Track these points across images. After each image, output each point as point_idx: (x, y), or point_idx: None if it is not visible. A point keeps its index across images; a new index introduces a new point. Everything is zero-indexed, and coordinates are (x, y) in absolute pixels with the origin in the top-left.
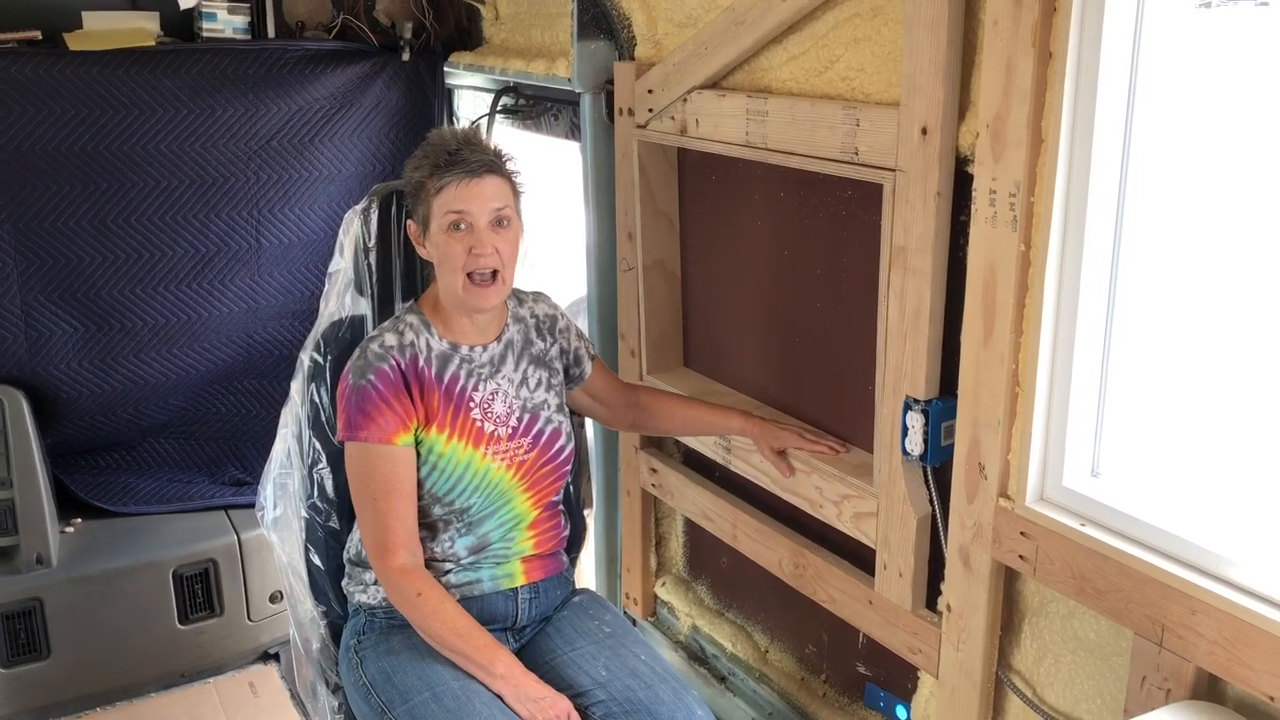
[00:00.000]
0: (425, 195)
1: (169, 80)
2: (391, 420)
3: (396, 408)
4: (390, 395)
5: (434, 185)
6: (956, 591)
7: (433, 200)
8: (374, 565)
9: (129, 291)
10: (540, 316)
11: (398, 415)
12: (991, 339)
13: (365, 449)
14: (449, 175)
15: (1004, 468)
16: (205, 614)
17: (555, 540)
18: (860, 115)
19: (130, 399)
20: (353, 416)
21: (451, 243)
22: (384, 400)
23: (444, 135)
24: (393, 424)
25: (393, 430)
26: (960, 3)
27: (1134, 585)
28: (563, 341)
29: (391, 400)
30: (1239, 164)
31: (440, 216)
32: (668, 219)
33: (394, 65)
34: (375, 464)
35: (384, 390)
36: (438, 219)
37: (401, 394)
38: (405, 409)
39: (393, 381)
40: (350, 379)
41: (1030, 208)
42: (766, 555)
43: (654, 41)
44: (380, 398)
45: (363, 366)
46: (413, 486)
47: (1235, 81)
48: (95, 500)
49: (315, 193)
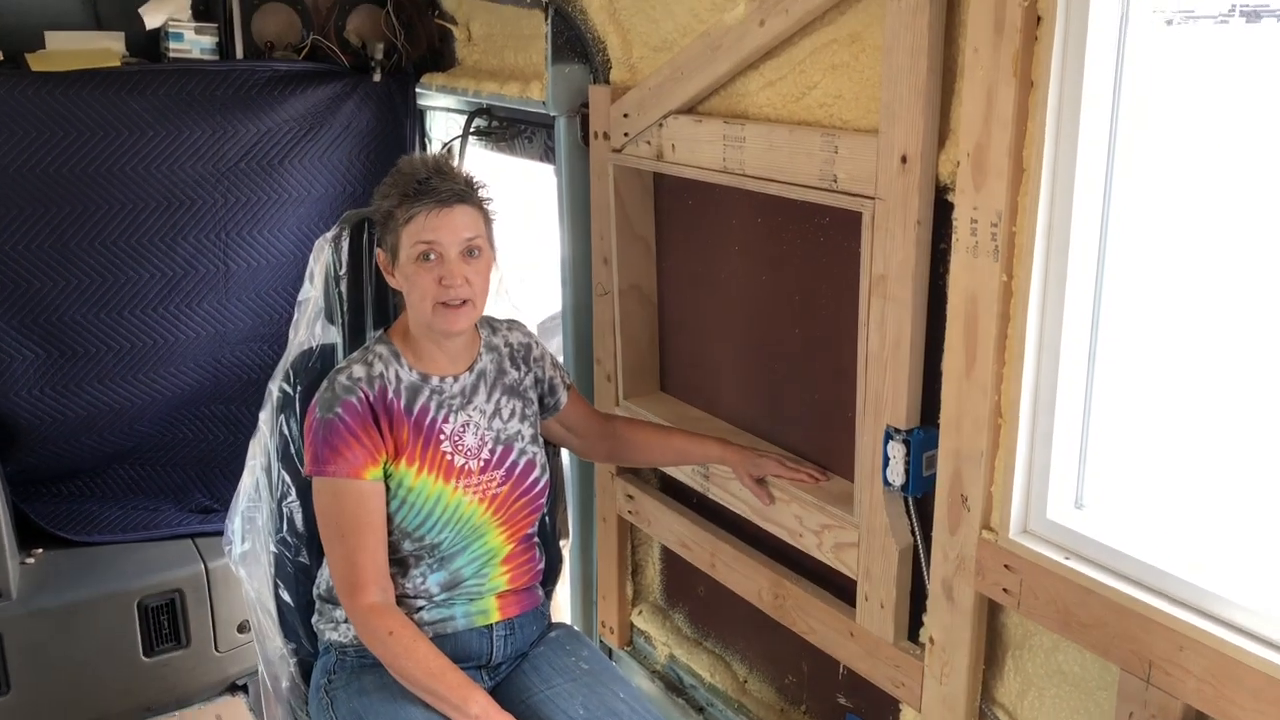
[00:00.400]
0: (394, 224)
1: (134, 101)
2: (360, 454)
3: (365, 441)
4: (358, 428)
5: (403, 214)
6: (939, 624)
7: (402, 230)
8: (343, 603)
9: (93, 316)
10: (514, 345)
11: (366, 449)
12: (974, 369)
13: (333, 484)
14: (418, 204)
15: (987, 499)
16: (171, 646)
17: (531, 574)
18: (839, 142)
19: (94, 425)
20: (320, 451)
21: (421, 273)
22: (352, 434)
23: (414, 163)
24: (361, 458)
25: (361, 464)
26: (940, 30)
27: (1120, 620)
28: (537, 370)
29: (360, 434)
30: (1223, 193)
31: (409, 246)
32: (644, 243)
33: (365, 86)
34: (343, 499)
35: (352, 423)
36: (407, 249)
37: (370, 427)
38: (374, 442)
39: (361, 415)
40: (318, 412)
41: (1012, 237)
42: (745, 585)
43: (629, 65)
44: (348, 431)
45: (330, 399)
46: (383, 522)
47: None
48: (57, 530)
49: (284, 215)
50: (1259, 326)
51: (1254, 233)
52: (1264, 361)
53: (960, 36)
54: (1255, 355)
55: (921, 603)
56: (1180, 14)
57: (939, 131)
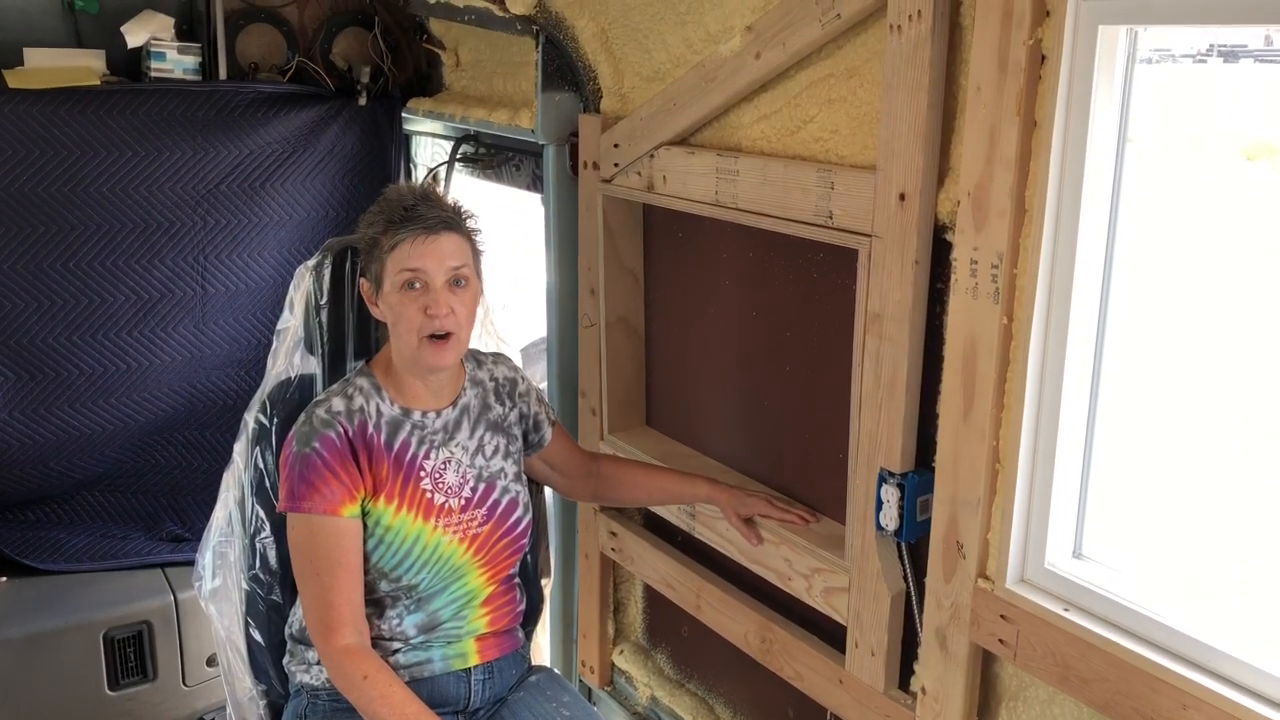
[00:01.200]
0: (378, 252)
1: (114, 121)
2: (337, 490)
3: (343, 477)
4: (336, 464)
5: (388, 242)
6: (932, 673)
7: (386, 258)
8: (317, 644)
9: (65, 339)
10: (500, 380)
11: (344, 485)
12: (971, 413)
13: (308, 520)
14: (403, 232)
15: (983, 547)
16: (137, 679)
17: (511, 616)
18: (835, 178)
19: (63, 450)
20: (295, 486)
21: (405, 302)
22: (329, 469)
23: (400, 190)
24: (338, 494)
25: (338, 501)
26: (941, 67)
27: (1121, 676)
28: (522, 406)
29: (338, 469)
30: (1230, 237)
31: (394, 275)
32: (632, 275)
33: (350, 110)
34: (319, 537)
35: (330, 458)
36: (391, 277)
37: (348, 462)
38: (352, 478)
39: (339, 449)
40: (294, 446)
41: (1013, 279)
42: (731, 628)
43: (620, 95)
44: (325, 466)
45: (308, 433)
46: (359, 561)
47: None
48: (22, 558)
49: (265, 239)
50: (1265, 373)
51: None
52: (1272, 409)
53: (962, 74)
54: (1263, 402)
55: (913, 651)
56: (1157, 53)
57: (939, 169)
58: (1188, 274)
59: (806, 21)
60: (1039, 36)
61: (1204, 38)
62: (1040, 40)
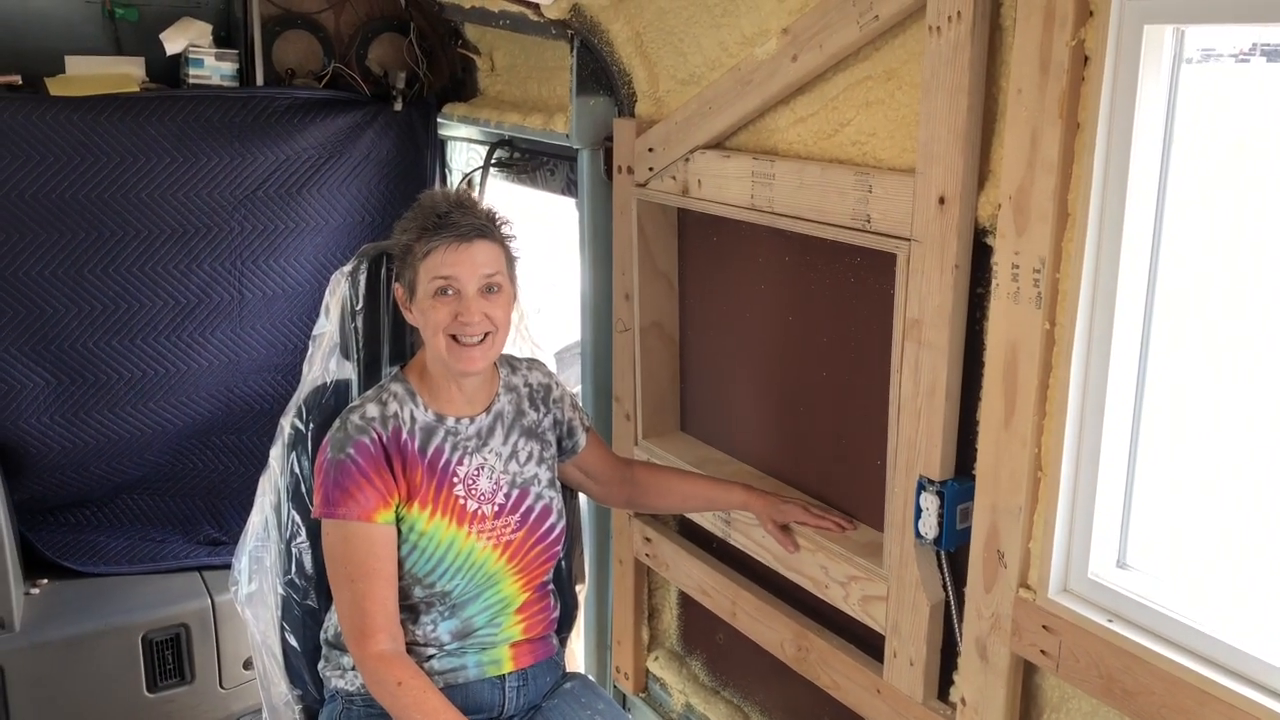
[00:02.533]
0: (412, 259)
1: (152, 127)
2: (372, 497)
3: (377, 483)
4: (371, 470)
5: (421, 249)
6: (972, 684)
7: (420, 264)
8: (351, 650)
9: (105, 344)
10: (534, 385)
11: (378, 491)
12: (1013, 420)
13: (343, 527)
14: (437, 239)
15: (1025, 556)
16: (175, 682)
17: (545, 623)
18: (873, 181)
19: (103, 454)
20: (330, 492)
21: (438, 308)
22: (364, 475)
23: (434, 197)
24: (373, 501)
25: (373, 507)
26: (982, 69)
27: (1167, 689)
28: (556, 412)
29: (372, 475)
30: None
31: (427, 281)
32: (666, 280)
33: (385, 115)
34: (353, 543)
35: (364, 465)
36: (424, 284)
37: (383, 469)
38: (386, 485)
39: (374, 456)
40: (329, 452)
41: (1055, 284)
42: (767, 635)
43: (655, 99)
44: (360, 473)
45: (342, 439)
46: (393, 567)
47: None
48: (63, 560)
49: (301, 244)
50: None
51: None
52: None
53: (1002, 76)
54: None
55: (952, 661)
56: (1201, 51)
57: (979, 172)
58: (1235, 277)
59: (844, 24)
60: (1082, 37)
61: (1247, 36)
62: (1083, 41)
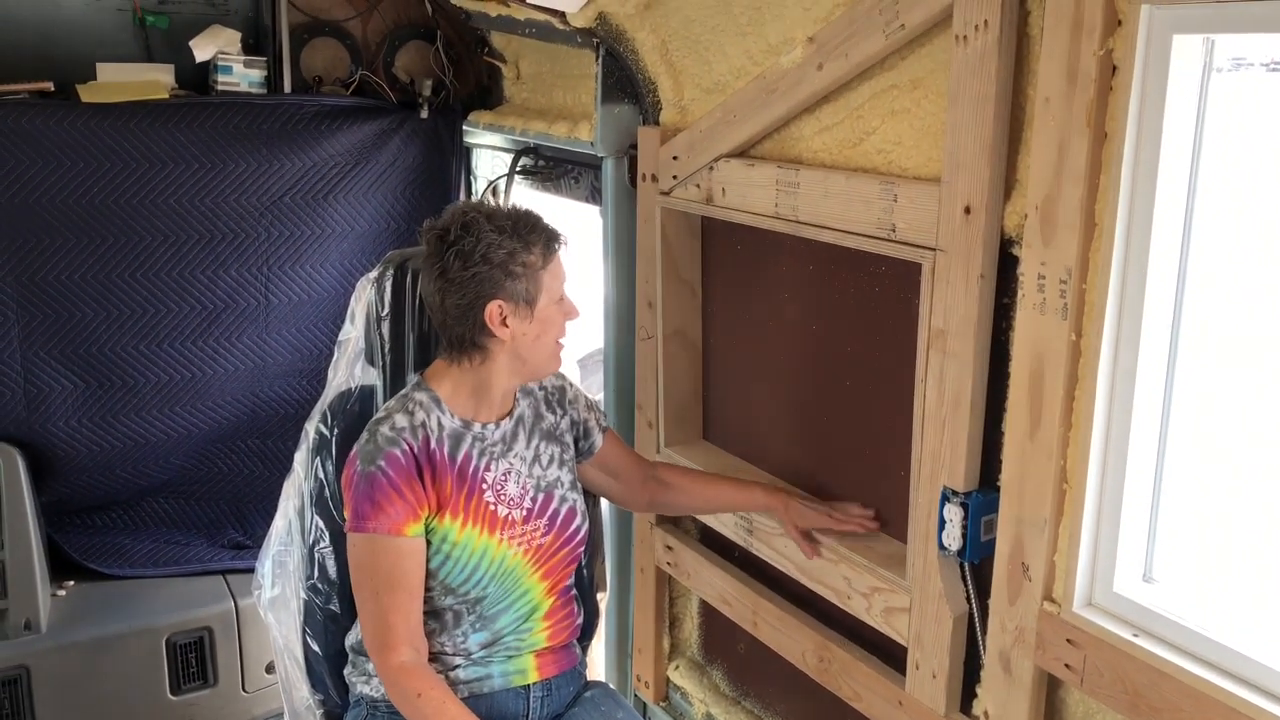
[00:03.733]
0: (531, 271)
1: (181, 134)
2: (402, 510)
3: (408, 496)
4: (402, 482)
5: (541, 259)
6: (995, 698)
7: (542, 274)
8: (374, 661)
9: (133, 348)
10: (549, 388)
11: (409, 504)
12: (1038, 432)
13: (371, 540)
14: (550, 250)
15: (1049, 569)
16: (198, 684)
17: (569, 631)
18: (898, 190)
19: (130, 457)
20: (360, 505)
21: (559, 314)
22: (394, 488)
23: (500, 208)
24: (403, 514)
25: (403, 520)
26: (1009, 78)
27: (1195, 706)
28: (572, 413)
29: (403, 488)
30: None
31: (553, 290)
32: (690, 288)
33: (412, 123)
34: (380, 556)
35: (395, 477)
36: (548, 293)
37: (414, 480)
38: (417, 497)
39: (404, 467)
40: (359, 465)
41: (1082, 295)
42: (789, 645)
43: (680, 107)
44: (391, 485)
45: (372, 451)
46: (418, 580)
47: None
48: (89, 562)
49: (328, 250)
50: None
51: None
52: None
53: (1029, 85)
54: None
55: (976, 673)
56: (1232, 61)
57: (1005, 182)
58: (1264, 288)
59: (869, 32)
60: (1110, 47)
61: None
62: (1111, 50)
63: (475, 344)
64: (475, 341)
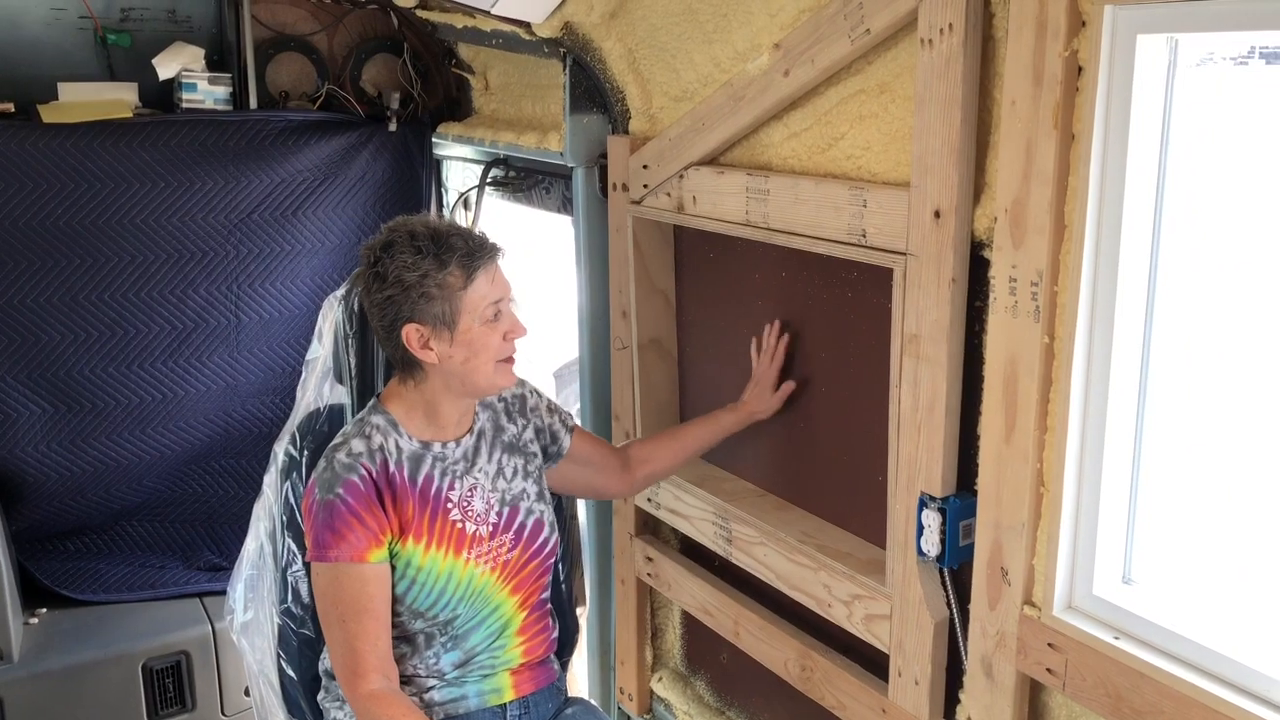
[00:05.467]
0: (447, 291)
1: (146, 152)
2: (364, 536)
3: (369, 522)
4: (362, 509)
5: (459, 279)
6: (978, 703)
7: (461, 294)
8: (344, 689)
9: (102, 370)
10: (509, 399)
11: (370, 531)
12: (1014, 435)
13: (333, 569)
14: (475, 265)
15: (1029, 573)
16: (176, 709)
17: (545, 645)
18: (868, 196)
19: (101, 481)
20: (321, 535)
21: (489, 333)
22: (355, 515)
23: (433, 227)
24: (365, 540)
25: (365, 547)
26: (975, 81)
27: (1176, 708)
28: (535, 421)
29: (363, 514)
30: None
31: (480, 309)
32: (664, 296)
33: (380, 136)
34: (344, 584)
35: (354, 504)
36: (472, 313)
37: (374, 506)
38: (379, 522)
39: (364, 494)
40: (317, 493)
41: (1054, 297)
42: (771, 655)
43: (649, 115)
44: (350, 512)
45: (330, 479)
46: (385, 606)
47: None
48: (61, 589)
49: (298, 267)
50: None
51: None
52: None
53: (996, 88)
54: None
55: (958, 679)
56: (1201, 56)
57: (974, 185)
58: (1237, 287)
59: (835, 37)
60: (1075, 47)
61: (1245, 40)
62: (1076, 51)
63: (410, 364)
64: (408, 361)
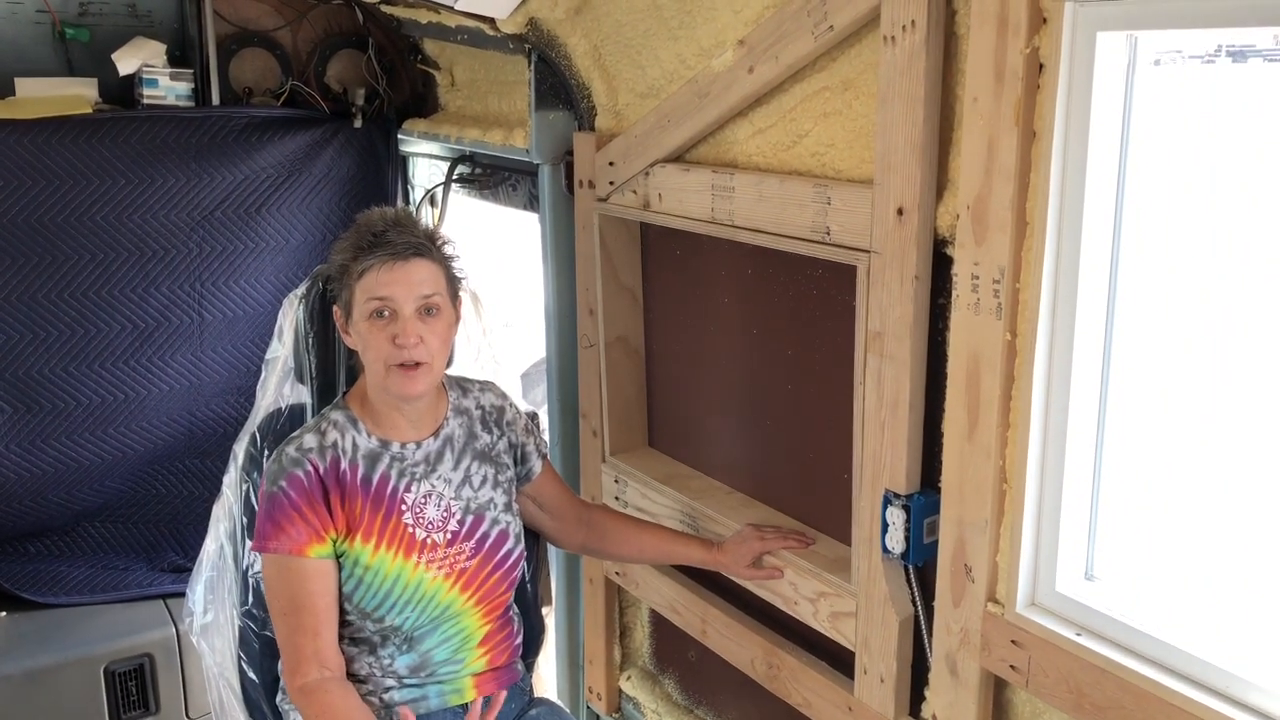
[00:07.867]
0: (348, 279)
1: (106, 149)
2: (303, 531)
3: (310, 517)
4: (303, 504)
5: (356, 269)
6: (943, 700)
7: (355, 285)
8: (285, 683)
9: (62, 370)
10: (487, 408)
11: (310, 526)
12: (976, 432)
13: (276, 561)
14: (372, 258)
15: (992, 570)
16: (139, 713)
17: (509, 651)
18: (831, 193)
19: (62, 482)
20: (263, 525)
21: (374, 331)
22: (295, 509)
23: (372, 216)
24: (304, 535)
25: (304, 542)
26: (937, 78)
27: (1137, 703)
28: (510, 435)
29: (304, 509)
30: (1236, 243)
31: (363, 303)
32: (631, 294)
33: (345, 132)
34: (285, 577)
35: (296, 498)
36: (360, 305)
37: (316, 502)
38: (321, 519)
39: (307, 490)
40: (265, 485)
41: (1016, 294)
42: (738, 653)
43: (615, 112)
44: (292, 506)
45: (276, 472)
46: (326, 601)
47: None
48: (21, 591)
49: (261, 265)
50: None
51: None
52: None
53: (958, 85)
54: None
55: (924, 676)
56: (1168, 54)
57: (937, 183)
58: (1198, 283)
59: (799, 34)
60: (1036, 44)
61: (1211, 38)
62: (1037, 48)
63: (352, 351)
64: (352, 349)
